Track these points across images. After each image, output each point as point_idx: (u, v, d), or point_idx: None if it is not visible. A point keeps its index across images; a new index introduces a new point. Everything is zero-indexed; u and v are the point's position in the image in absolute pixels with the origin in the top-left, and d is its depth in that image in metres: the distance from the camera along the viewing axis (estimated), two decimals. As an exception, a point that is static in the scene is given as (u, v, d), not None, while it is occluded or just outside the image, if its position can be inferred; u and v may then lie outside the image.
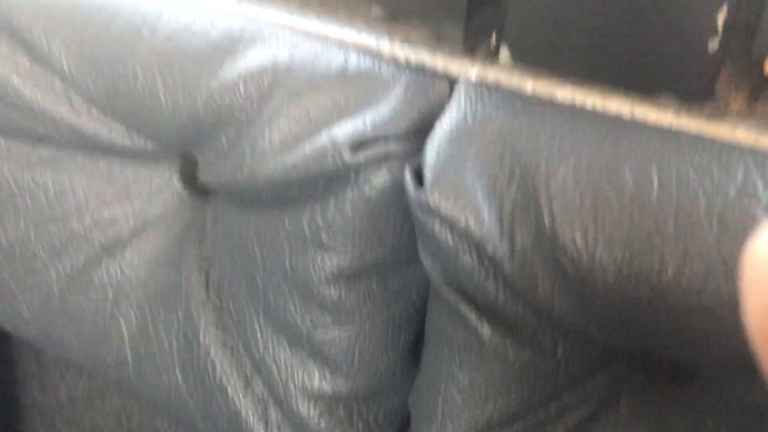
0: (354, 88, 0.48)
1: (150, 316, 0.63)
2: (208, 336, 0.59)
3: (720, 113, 0.44)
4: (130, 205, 0.65)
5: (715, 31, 0.42)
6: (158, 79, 0.54)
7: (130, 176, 0.65)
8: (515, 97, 0.46)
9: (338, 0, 0.60)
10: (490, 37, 0.52)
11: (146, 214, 0.65)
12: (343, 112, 0.47)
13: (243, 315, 0.57)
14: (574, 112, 0.45)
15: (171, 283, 0.62)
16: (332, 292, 0.50)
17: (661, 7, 0.43)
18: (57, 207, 0.65)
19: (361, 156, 0.44)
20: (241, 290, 0.57)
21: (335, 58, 0.50)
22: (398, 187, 0.46)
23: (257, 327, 0.56)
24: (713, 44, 0.43)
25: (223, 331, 0.59)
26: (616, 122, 0.43)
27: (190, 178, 0.64)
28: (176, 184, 0.64)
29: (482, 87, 0.46)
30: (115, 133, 0.62)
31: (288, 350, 0.54)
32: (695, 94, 0.44)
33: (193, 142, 0.56)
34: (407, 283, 0.51)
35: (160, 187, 0.64)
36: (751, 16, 0.43)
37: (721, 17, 0.42)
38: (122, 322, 0.64)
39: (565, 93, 0.47)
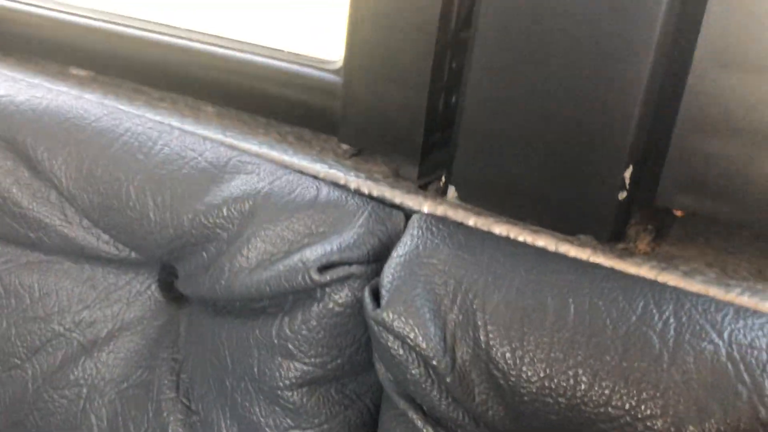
0: (324, 216, 0.56)
1: (121, 413, 0.67)
2: (176, 434, 0.64)
3: (629, 253, 0.53)
4: (110, 308, 0.70)
5: (623, 184, 0.52)
6: (149, 198, 0.62)
7: (111, 281, 0.70)
8: (459, 230, 0.54)
9: (313, 136, 0.69)
10: (441, 176, 0.60)
11: (124, 317, 0.70)
12: (313, 237, 0.55)
13: (210, 415, 0.62)
14: (509, 244, 0.53)
15: (143, 383, 0.67)
16: (295, 397, 0.56)
17: (580, 161, 0.52)
18: (40, 307, 0.71)
19: (328, 276, 0.52)
20: (209, 392, 0.63)
21: (309, 189, 0.58)
22: (358, 304, 0.53)
23: (223, 427, 0.61)
24: (622, 195, 0.52)
25: (190, 431, 0.64)
26: (542, 255, 0.52)
27: (167, 286, 0.70)
28: (154, 290, 0.70)
29: (432, 220, 0.55)
30: (102, 242, 0.69)
31: (251, 449, 0.59)
32: (609, 235, 0.53)
33: (175, 255, 0.63)
34: (363, 389, 0.57)
35: (138, 293, 0.70)
36: (654, 171, 0.52)
37: (627, 173, 0.51)
38: (93, 419, 0.68)
39: (501, 229, 0.55)
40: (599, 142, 0.51)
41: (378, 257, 0.54)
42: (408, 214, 0.58)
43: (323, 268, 0.52)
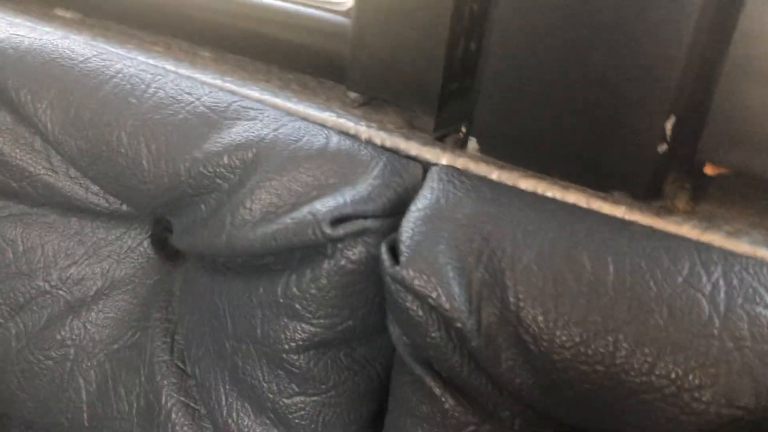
0: (334, 166, 0.51)
1: (111, 376, 0.63)
2: (170, 399, 0.59)
3: (667, 211, 0.48)
4: (99, 265, 0.66)
5: (664, 136, 0.47)
6: (143, 146, 0.57)
7: (101, 236, 0.66)
8: (483, 183, 0.49)
9: (317, 84, 0.64)
10: (460, 127, 0.56)
11: (114, 275, 0.66)
12: (323, 188, 0.50)
13: (208, 379, 0.58)
14: (537, 200, 0.49)
15: (135, 344, 0.63)
16: (301, 361, 0.52)
17: (615, 111, 0.48)
18: (24, 263, 0.66)
19: (340, 230, 0.47)
20: (207, 355, 0.58)
21: (317, 137, 0.53)
22: (372, 261, 0.48)
23: (222, 392, 0.57)
24: (662, 148, 0.48)
25: (185, 395, 0.59)
26: (575, 211, 0.48)
27: (161, 241, 0.66)
28: (146, 246, 0.66)
29: (454, 172, 0.50)
30: (90, 193, 0.64)
31: (252, 416, 0.55)
32: (645, 192, 0.49)
33: (170, 207, 0.58)
34: (373, 354, 0.53)
35: (130, 249, 0.66)
36: (696, 124, 0.48)
37: (669, 124, 0.47)
38: (82, 382, 0.63)
39: (527, 184, 0.51)
40: (638, 90, 0.47)
41: (395, 211, 0.50)
42: (426, 165, 0.54)
43: (335, 222, 0.47)
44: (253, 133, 0.54)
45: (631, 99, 0.47)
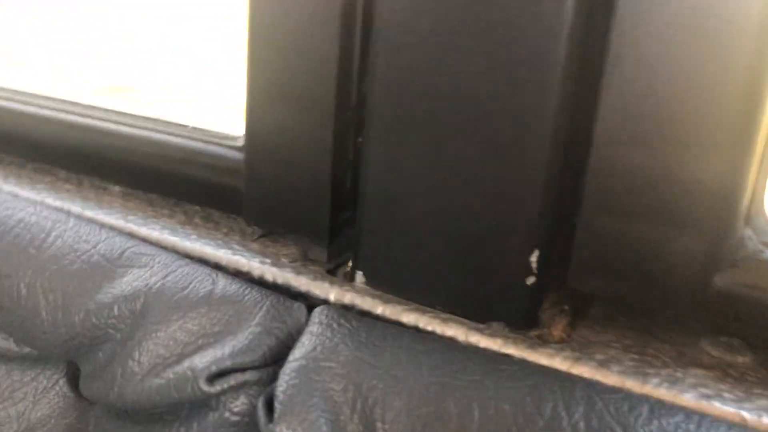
0: (219, 313, 0.52)
1: None
2: None
3: (542, 341, 0.49)
4: (15, 407, 0.66)
5: (530, 269, 0.48)
6: (40, 297, 0.58)
7: (15, 378, 0.66)
8: (362, 325, 0.50)
9: (221, 216, 0.65)
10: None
11: (30, 416, 0.65)
12: (208, 337, 0.51)
13: None
14: (415, 338, 0.49)
15: (49, 491, 0.62)
16: None
17: (485, 245, 0.49)
18: (-62, 412, 0.66)
19: (218, 386, 0.48)
20: (115, 501, 0.58)
21: (204, 283, 0.54)
22: (256, 413, 0.49)
23: None
24: (530, 280, 0.49)
25: None
26: (449, 350, 0.48)
27: (76, 381, 0.66)
28: (62, 386, 0.65)
29: (334, 315, 0.51)
30: (1, 339, 0.64)
31: None
32: (521, 322, 0.50)
33: (73, 354, 0.59)
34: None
35: (45, 389, 0.66)
36: (563, 253, 0.49)
37: (534, 258, 0.48)
38: None
39: (410, 318, 0.52)
40: (502, 227, 0.48)
41: (276, 358, 0.50)
42: (313, 303, 0.54)
43: (214, 378, 0.48)
44: (142, 282, 0.55)
45: (496, 234, 0.49)
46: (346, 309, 0.53)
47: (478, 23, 0.46)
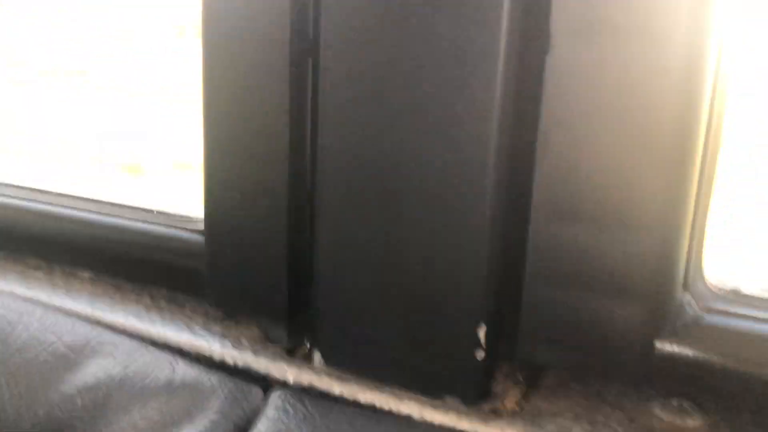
0: (178, 401, 0.53)
1: None
2: None
3: (495, 414, 0.50)
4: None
5: (479, 344, 0.49)
6: (5, 390, 0.58)
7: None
8: (317, 409, 0.51)
9: (186, 298, 0.66)
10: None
11: None
12: (167, 426, 0.52)
13: None
14: (369, 420, 0.50)
15: None
16: None
17: (434, 323, 0.50)
18: None
19: (175, 477, 0.48)
20: None
21: (164, 371, 0.55)
22: (214, 501, 0.49)
23: None
24: (480, 355, 0.49)
25: None
26: (402, 428, 0.49)
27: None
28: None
29: (290, 399, 0.52)
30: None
31: None
32: (474, 396, 0.50)
33: (41, 445, 0.59)
34: None
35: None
36: (513, 326, 0.50)
37: (482, 333, 0.49)
38: None
39: (366, 396, 0.52)
40: (448, 304, 0.49)
41: (235, 444, 0.51)
42: (270, 385, 0.55)
43: (171, 468, 0.48)
44: (104, 372, 0.56)
45: (444, 312, 0.50)
46: (304, 391, 0.54)
47: (416, 109, 0.48)
